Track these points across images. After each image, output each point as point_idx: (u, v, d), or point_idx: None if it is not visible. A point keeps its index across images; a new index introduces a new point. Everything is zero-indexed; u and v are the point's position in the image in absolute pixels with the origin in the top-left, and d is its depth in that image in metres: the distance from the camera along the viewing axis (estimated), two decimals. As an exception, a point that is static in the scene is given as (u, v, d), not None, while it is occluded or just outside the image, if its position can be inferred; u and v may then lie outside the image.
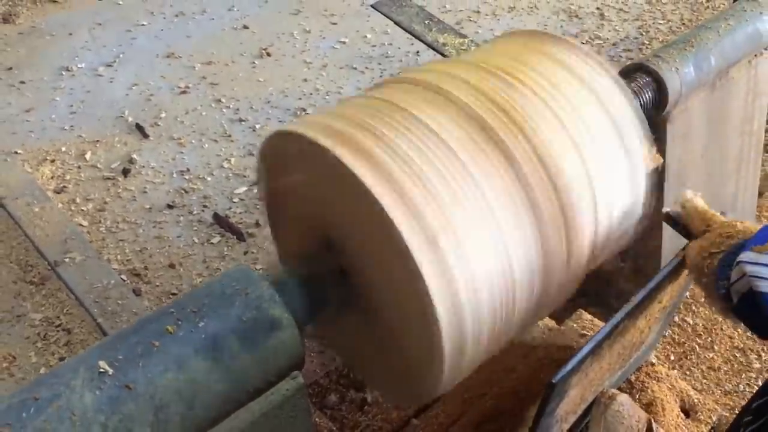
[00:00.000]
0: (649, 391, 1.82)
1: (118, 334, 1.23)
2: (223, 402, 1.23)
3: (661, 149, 1.82)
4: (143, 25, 3.58)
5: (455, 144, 1.37)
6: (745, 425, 1.16)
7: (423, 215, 1.28)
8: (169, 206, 2.69)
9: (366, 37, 3.48)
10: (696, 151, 2.04)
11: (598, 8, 3.71)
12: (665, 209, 1.54)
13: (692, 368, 2.19)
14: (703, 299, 2.29)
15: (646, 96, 1.76)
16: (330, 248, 1.49)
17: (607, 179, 1.53)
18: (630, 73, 1.80)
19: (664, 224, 1.62)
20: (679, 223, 1.51)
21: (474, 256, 1.32)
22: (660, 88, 1.77)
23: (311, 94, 3.18)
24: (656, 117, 1.81)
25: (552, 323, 2.03)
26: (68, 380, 1.13)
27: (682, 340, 2.26)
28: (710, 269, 1.33)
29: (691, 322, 2.30)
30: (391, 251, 1.29)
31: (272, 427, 1.28)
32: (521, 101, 1.46)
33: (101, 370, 1.15)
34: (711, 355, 2.23)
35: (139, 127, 3.00)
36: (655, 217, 1.69)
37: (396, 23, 2.73)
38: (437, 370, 1.37)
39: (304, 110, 3.09)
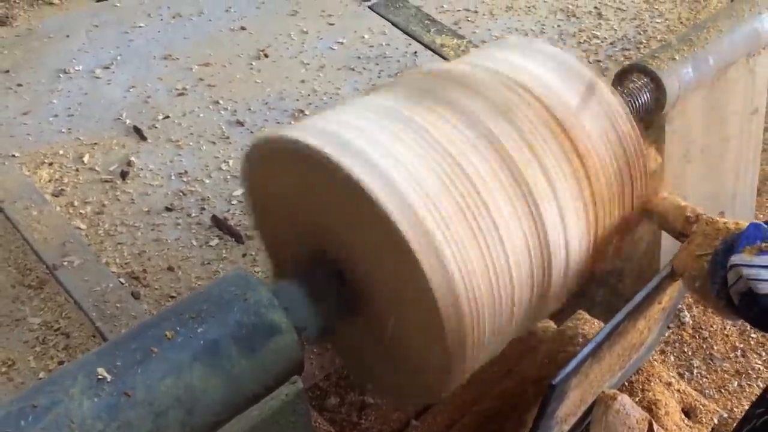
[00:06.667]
0: (650, 393, 1.81)
1: (116, 340, 1.23)
2: (222, 408, 1.22)
3: (660, 149, 1.83)
4: (140, 27, 3.56)
5: (453, 148, 1.37)
6: (759, 416, 1.17)
7: (419, 214, 1.28)
8: (168, 209, 2.69)
9: (363, 37, 3.47)
10: (695, 151, 2.04)
11: (595, 7, 3.70)
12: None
13: (692, 369, 2.18)
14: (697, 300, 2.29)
15: (645, 97, 1.76)
16: (326, 253, 1.48)
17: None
18: (628, 73, 1.80)
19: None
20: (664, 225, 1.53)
21: (472, 252, 1.32)
22: (658, 89, 1.77)
23: (309, 95, 3.17)
24: (654, 117, 1.81)
25: (551, 324, 2.03)
26: (67, 387, 1.13)
27: (683, 341, 2.25)
28: (701, 272, 1.34)
29: (691, 323, 2.29)
30: (391, 250, 1.28)
31: (272, 432, 1.28)
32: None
33: (100, 376, 1.14)
34: (711, 356, 2.22)
35: (137, 130, 2.99)
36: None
37: (393, 24, 2.73)
38: (442, 363, 1.37)
39: (302, 111, 3.08)
